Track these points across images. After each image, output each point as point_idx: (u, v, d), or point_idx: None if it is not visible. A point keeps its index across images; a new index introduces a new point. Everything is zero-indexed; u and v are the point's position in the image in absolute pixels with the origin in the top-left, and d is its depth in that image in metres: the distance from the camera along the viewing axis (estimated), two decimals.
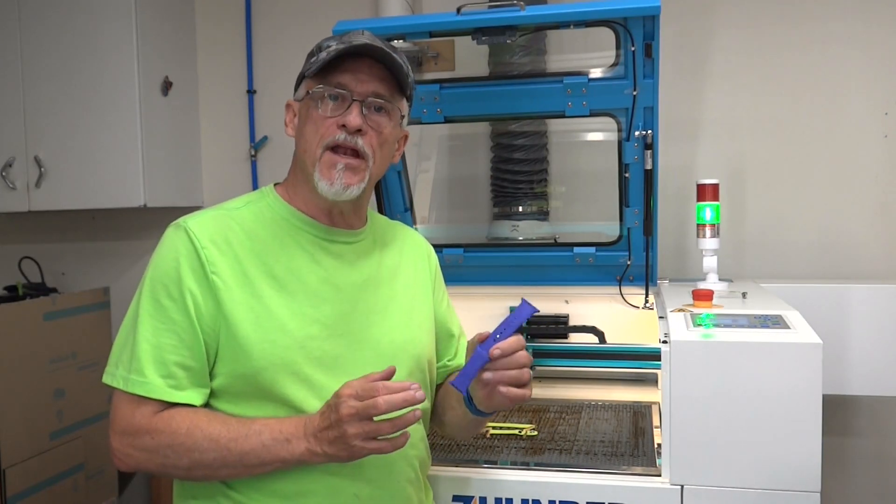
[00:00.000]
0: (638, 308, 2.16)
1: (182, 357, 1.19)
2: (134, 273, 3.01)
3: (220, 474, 1.19)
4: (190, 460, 1.16)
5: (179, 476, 1.23)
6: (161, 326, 1.20)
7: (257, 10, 2.89)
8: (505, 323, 1.23)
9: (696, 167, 2.51)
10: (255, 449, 1.16)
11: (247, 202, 1.33)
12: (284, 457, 1.16)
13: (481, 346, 1.22)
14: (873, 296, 2.17)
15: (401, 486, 1.31)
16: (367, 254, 1.37)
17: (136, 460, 1.20)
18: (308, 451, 1.15)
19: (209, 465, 1.17)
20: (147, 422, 1.18)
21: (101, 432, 2.38)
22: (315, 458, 1.16)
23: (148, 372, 1.18)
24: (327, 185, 1.25)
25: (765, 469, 1.47)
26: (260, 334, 1.21)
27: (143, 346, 1.19)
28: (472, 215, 2.65)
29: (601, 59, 2.01)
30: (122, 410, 1.20)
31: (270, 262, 1.26)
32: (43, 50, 2.66)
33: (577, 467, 1.60)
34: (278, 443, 1.16)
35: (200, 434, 1.16)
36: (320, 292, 1.27)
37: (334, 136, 1.25)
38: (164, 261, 1.23)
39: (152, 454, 1.18)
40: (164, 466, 1.19)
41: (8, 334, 2.08)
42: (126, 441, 1.19)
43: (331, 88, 1.25)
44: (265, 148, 2.91)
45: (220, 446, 1.16)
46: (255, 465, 1.17)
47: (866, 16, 2.41)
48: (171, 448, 1.16)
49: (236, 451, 1.16)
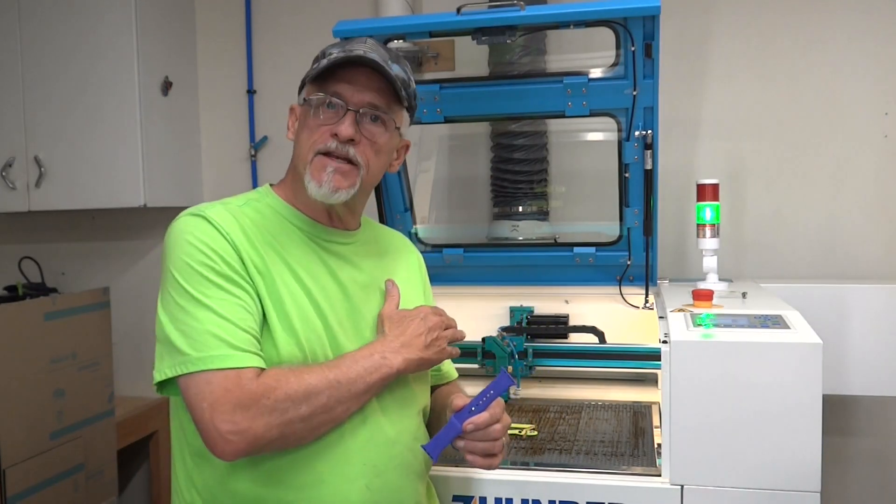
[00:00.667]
0: (638, 308, 2.16)
1: (252, 329, 1.18)
2: (134, 273, 3.01)
3: (336, 413, 1.20)
4: (308, 406, 1.16)
5: (299, 431, 1.17)
6: (223, 302, 1.17)
7: (257, 11, 2.89)
8: (482, 394, 1.25)
9: (696, 167, 2.51)
10: (360, 375, 1.21)
11: (247, 200, 1.33)
12: (386, 372, 1.24)
13: (455, 417, 1.24)
14: (873, 296, 2.17)
15: (409, 479, 1.32)
16: (365, 255, 1.39)
17: (256, 432, 1.13)
18: (405, 360, 1.26)
19: (325, 406, 1.17)
20: (256, 385, 1.14)
21: (101, 432, 2.37)
22: (411, 364, 1.27)
23: (235, 344, 1.15)
24: (316, 186, 1.26)
25: (765, 469, 1.47)
26: (285, 322, 1.22)
27: (217, 322, 1.16)
28: (472, 215, 2.65)
29: (601, 59, 2.01)
30: (225, 388, 1.13)
31: (284, 255, 1.27)
32: (43, 50, 2.66)
33: (577, 467, 1.60)
34: (376, 363, 1.23)
35: (311, 378, 1.17)
36: (329, 288, 1.29)
37: (326, 143, 1.26)
38: (195, 244, 1.20)
39: (273, 415, 1.13)
40: (285, 425, 1.14)
41: (8, 334, 2.08)
42: (241, 415, 1.12)
43: (327, 97, 1.27)
44: (265, 148, 2.91)
45: (331, 381, 1.18)
46: (363, 391, 1.21)
47: (866, 16, 2.41)
48: (289, 399, 1.14)
49: (345, 381, 1.19)
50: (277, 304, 1.22)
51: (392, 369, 1.24)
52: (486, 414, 1.24)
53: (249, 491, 1.22)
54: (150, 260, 3.00)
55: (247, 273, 1.21)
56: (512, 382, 1.29)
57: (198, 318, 1.16)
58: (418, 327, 1.30)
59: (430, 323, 1.31)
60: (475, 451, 1.26)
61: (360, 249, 1.38)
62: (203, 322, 1.16)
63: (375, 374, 1.22)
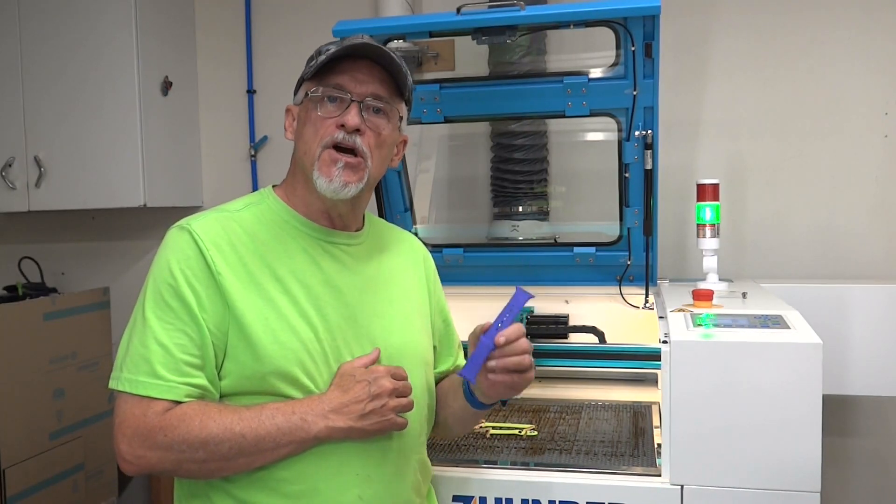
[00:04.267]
0: (638, 308, 2.16)
1: (192, 356, 1.18)
2: (134, 273, 3.01)
3: (237, 464, 1.17)
4: (205, 452, 1.14)
5: (193, 472, 1.19)
6: (169, 327, 1.18)
7: (257, 11, 2.89)
8: (504, 312, 1.27)
9: (696, 167, 2.51)
10: (270, 433, 1.16)
11: (247, 204, 1.33)
12: (301, 437, 1.17)
13: (485, 336, 1.26)
14: (873, 296, 2.17)
15: (404, 488, 1.32)
16: (366, 256, 1.37)
17: (149, 461, 1.16)
18: (327, 427, 1.18)
19: (225, 456, 1.15)
20: (159, 420, 1.15)
21: (101, 432, 2.38)
22: (335, 433, 1.18)
23: (158, 372, 1.17)
24: (326, 181, 1.25)
25: (765, 469, 1.47)
26: (269, 335, 1.21)
27: (152, 346, 1.18)
28: (472, 215, 2.64)
29: (601, 59, 2.01)
30: (132, 413, 1.17)
31: (274, 264, 1.26)
32: (43, 50, 2.66)
33: (577, 467, 1.60)
34: (294, 424, 1.17)
35: (214, 424, 1.15)
36: (322, 294, 1.27)
37: (333, 135, 1.25)
38: (168, 262, 1.22)
39: (167, 451, 1.15)
40: (178, 463, 1.16)
41: (8, 334, 2.08)
42: (137, 443, 1.16)
43: (329, 90, 1.26)
44: (265, 148, 2.91)
45: (235, 434, 1.14)
46: (270, 449, 1.16)
47: (866, 16, 2.41)
48: (185, 442, 1.14)
49: (251, 437, 1.15)
50: (260, 313, 1.21)
51: (309, 435, 1.17)
52: (513, 326, 1.25)
53: (247, 497, 1.22)
54: (149, 260, 2.94)
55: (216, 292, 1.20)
56: (530, 296, 1.29)
57: (141, 337, 1.19)
58: (360, 393, 1.20)
59: (376, 389, 1.20)
60: (506, 366, 1.25)
61: (362, 251, 1.37)
62: (142, 342, 1.18)
63: (288, 436, 1.16)
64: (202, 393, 1.19)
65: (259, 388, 1.20)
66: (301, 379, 1.21)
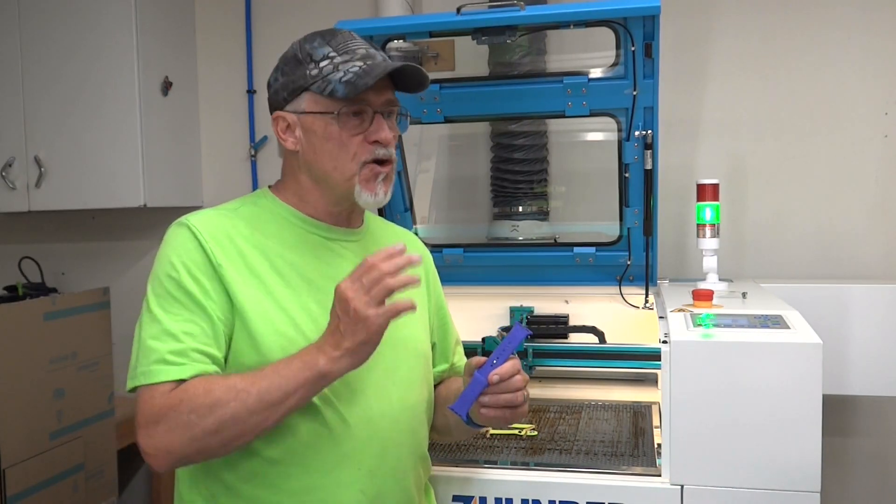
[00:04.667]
0: (638, 308, 2.16)
1: (202, 344, 1.18)
2: (134, 273, 3.01)
3: (250, 425, 1.12)
4: (215, 419, 1.11)
5: (213, 447, 1.14)
6: (177, 318, 1.18)
7: (257, 10, 2.89)
8: (500, 348, 1.26)
9: (696, 167, 2.51)
10: (273, 383, 1.12)
11: (244, 202, 1.34)
12: (307, 376, 1.12)
13: (479, 372, 1.25)
14: (873, 296, 2.17)
15: (405, 484, 1.32)
16: (365, 252, 1.37)
17: (168, 447, 1.13)
18: (328, 360, 1.12)
19: (235, 418, 1.11)
20: (166, 399, 1.13)
21: (101, 432, 2.37)
22: (337, 363, 1.12)
23: (166, 358, 1.15)
24: (371, 196, 1.27)
25: (765, 469, 1.47)
26: (270, 327, 1.21)
27: (161, 337, 1.17)
28: (472, 215, 2.64)
29: (601, 59, 2.01)
30: (143, 402, 1.15)
31: (273, 257, 1.26)
32: (43, 50, 2.65)
33: (577, 467, 1.60)
34: (295, 368, 1.13)
35: (217, 388, 1.12)
36: (323, 288, 1.28)
37: (373, 153, 1.26)
38: (169, 257, 1.22)
39: (179, 429, 1.12)
40: (195, 440, 1.12)
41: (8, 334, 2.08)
42: (152, 430, 1.13)
43: (356, 106, 1.25)
44: (265, 148, 2.91)
45: (239, 391, 1.11)
46: (278, 399, 1.12)
47: (866, 15, 2.41)
48: (193, 412, 1.11)
49: (255, 392, 1.11)
50: (260, 306, 1.22)
51: (312, 373, 1.12)
52: (508, 364, 1.24)
53: (248, 493, 1.22)
54: (149, 260, 2.95)
55: (219, 284, 1.20)
56: (528, 333, 1.28)
57: (149, 331, 1.18)
58: (333, 317, 1.13)
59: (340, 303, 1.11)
60: (499, 403, 1.24)
61: (362, 247, 1.37)
62: (151, 335, 1.18)
63: (293, 380, 1.12)
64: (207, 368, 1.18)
65: None
66: None
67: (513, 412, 1.27)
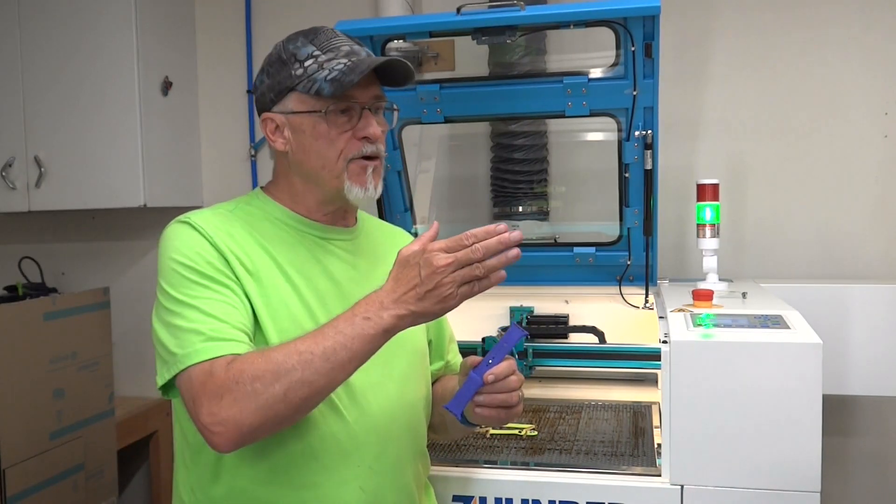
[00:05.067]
0: (638, 308, 2.16)
1: (239, 321, 1.17)
2: (134, 273, 3.01)
3: (318, 386, 1.10)
4: (281, 384, 1.08)
5: (283, 413, 1.11)
6: (209, 301, 1.16)
7: (257, 10, 2.89)
8: (496, 348, 1.25)
9: (696, 167, 2.51)
10: (338, 342, 1.10)
11: (237, 204, 1.34)
12: (371, 333, 1.10)
13: (475, 371, 1.24)
14: (873, 296, 2.17)
15: (404, 480, 1.32)
16: (360, 251, 1.38)
17: (236, 420, 1.08)
18: (394, 316, 1.10)
19: (302, 381, 1.08)
20: (225, 372, 1.10)
21: (101, 432, 2.38)
22: (402, 321, 1.11)
23: (212, 336, 1.14)
24: (361, 190, 1.27)
25: (765, 469, 1.47)
26: (275, 324, 1.21)
27: (195, 319, 1.15)
28: (472, 215, 2.64)
29: (601, 59, 2.01)
30: (200, 381, 1.11)
31: (274, 255, 1.27)
32: (43, 50, 2.65)
33: (577, 467, 1.61)
34: (357, 326, 1.10)
35: (277, 354, 1.10)
36: (321, 286, 1.28)
37: (360, 149, 1.27)
38: (180, 249, 1.21)
39: (246, 400, 1.08)
40: (263, 409, 1.08)
41: (8, 334, 2.08)
42: (216, 405, 1.09)
43: (344, 103, 1.26)
44: (265, 148, 2.89)
45: (302, 354, 1.09)
46: (344, 359, 1.10)
47: (866, 15, 2.41)
48: (258, 380, 1.08)
49: (319, 352, 1.09)
50: (267, 305, 1.22)
51: (378, 330, 1.10)
52: (504, 364, 1.24)
53: (246, 491, 1.22)
54: (149, 260, 2.99)
55: (233, 273, 1.21)
56: (524, 334, 1.28)
57: (184, 318, 1.16)
58: (412, 277, 1.11)
59: (429, 269, 1.10)
60: (493, 403, 1.24)
61: (357, 245, 1.38)
62: (188, 320, 1.15)
63: (358, 339, 1.10)
64: None
65: None
66: None
67: (507, 412, 1.27)
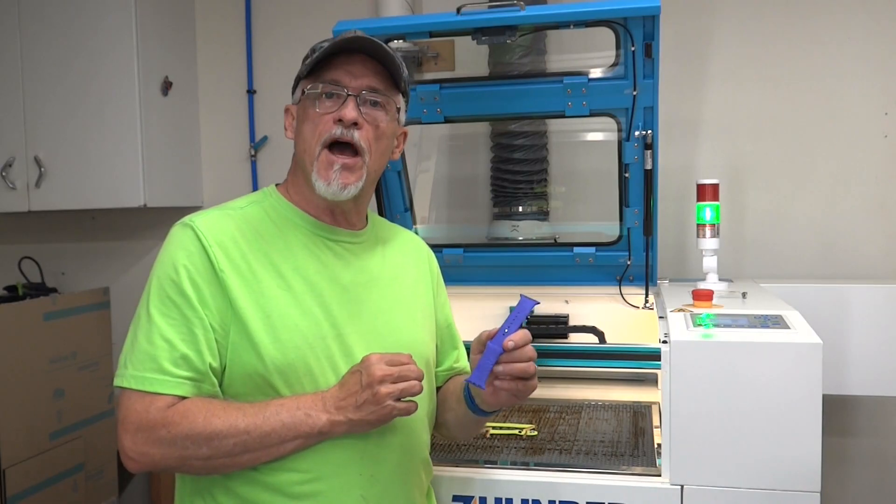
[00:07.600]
0: (638, 308, 2.16)
1: (195, 352, 1.18)
2: (134, 273, 3.01)
3: (242, 461, 1.17)
4: (209, 449, 1.14)
5: (197, 468, 1.19)
6: (173, 322, 1.19)
7: (257, 10, 2.89)
8: (509, 319, 1.26)
9: (696, 167, 2.51)
10: (275, 429, 1.16)
11: (250, 202, 1.33)
12: (306, 431, 1.17)
13: (492, 342, 1.25)
14: (873, 296, 2.17)
15: (407, 489, 1.32)
16: (370, 254, 1.37)
17: (152, 457, 1.16)
18: (330, 421, 1.17)
19: (229, 453, 1.15)
20: (162, 415, 1.15)
21: (101, 432, 2.38)
22: (337, 427, 1.18)
23: (163, 367, 1.16)
24: (324, 184, 1.26)
25: (765, 469, 1.47)
26: (271, 333, 1.21)
27: (157, 342, 1.17)
28: (472, 215, 2.64)
29: (601, 59, 2.01)
30: (135, 408, 1.16)
31: (277, 261, 1.26)
32: (43, 50, 2.66)
33: (577, 467, 1.60)
34: (298, 419, 1.16)
35: (218, 421, 1.14)
36: (326, 291, 1.28)
37: (331, 131, 1.26)
38: (171, 258, 1.22)
39: (170, 447, 1.15)
40: (182, 459, 1.16)
41: (8, 334, 2.08)
42: (141, 438, 1.15)
43: (326, 85, 1.27)
44: (265, 148, 2.91)
45: (240, 431, 1.14)
46: (275, 444, 1.17)
47: (866, 16, 2.41)
48: (189, 439, 1.14)
49: (256, 434, 1.15)
50: (262, 311, 1.21)
51: (313, 430, 1.17)
52: (520, 332, 1.24)
53: (251, 496, 1.21)
54: (150, 260, 2.98)
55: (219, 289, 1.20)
56: (535, 303, 1.29)
57: (144, 334, 1.19)
58: (353, 385, 1.18)
59: (367, 378, 1.16)
60: (513, 372, 1.23)
61: (365, 248, 1.37)
62: (146, 339, 1.18)
63: (293, 431, 1.16)
64: (207, 387, 1.19)
65: (259, 386, 1.20)
66: (303, 378, 1.21)
67: (524, 384, 1.25)
